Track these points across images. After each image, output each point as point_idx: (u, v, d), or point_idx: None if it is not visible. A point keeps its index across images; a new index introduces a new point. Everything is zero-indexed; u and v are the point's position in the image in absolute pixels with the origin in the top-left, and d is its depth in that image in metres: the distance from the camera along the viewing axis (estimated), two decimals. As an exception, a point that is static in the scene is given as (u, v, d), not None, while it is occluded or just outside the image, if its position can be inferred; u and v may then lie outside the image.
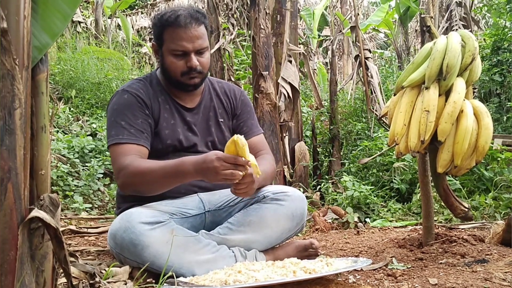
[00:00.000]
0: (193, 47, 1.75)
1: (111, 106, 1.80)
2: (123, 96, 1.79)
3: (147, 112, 1.78)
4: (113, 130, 1.73)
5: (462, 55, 1.70)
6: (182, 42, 1.73)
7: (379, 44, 14.79)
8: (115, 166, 1.70)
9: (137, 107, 1.77)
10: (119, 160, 1.68)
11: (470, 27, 7.54)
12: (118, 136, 1.72)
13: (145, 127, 1.76)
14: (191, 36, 1.73)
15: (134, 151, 1.70)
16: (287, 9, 3.82)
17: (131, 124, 1.73)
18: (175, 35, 1.73)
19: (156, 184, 1.64)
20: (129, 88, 1.81)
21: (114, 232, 1.60)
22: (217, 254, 1.62)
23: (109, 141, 1.74)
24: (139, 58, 9.49)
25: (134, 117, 1.75)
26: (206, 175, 1.53)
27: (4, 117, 0.91)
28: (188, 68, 1.76)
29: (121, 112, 1.75)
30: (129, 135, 1.72)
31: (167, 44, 1.76)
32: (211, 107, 1.93)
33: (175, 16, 1.73)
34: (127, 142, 1.70)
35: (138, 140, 1.72)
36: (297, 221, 1.79)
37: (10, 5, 0.92)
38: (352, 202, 3.01)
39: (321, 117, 5.57)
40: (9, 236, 0.92)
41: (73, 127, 4.78)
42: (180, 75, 1.78)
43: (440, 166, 1.70)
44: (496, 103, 5.27)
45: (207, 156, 1.52)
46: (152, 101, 1.81)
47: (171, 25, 1.73)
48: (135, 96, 1.78)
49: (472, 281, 1.45)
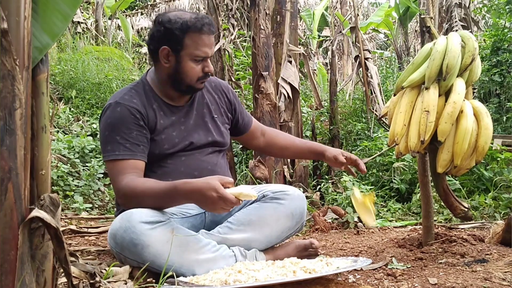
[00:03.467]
0: (211, 53, 1.79)
1: (105, 119, 1.78)
2: (116, 109, 1.76)
3: (141, 124, 1.76)
4: (109, 146, 1.73)
5: (462, 56, 1.70)
6: (205, 48, 1.75)
7: (379, 44, 14.80)
8: (114, 185, 1.72)
9: (131, 119, 1.74)
10: (116, 179, 1.69)
11: (470, 27, 7.54)
12: (114, 152, 1.71)
13: (140, 139, 1.75)
14: (211, 43, 1.77)
15: (131, 168, 1.70)
16: (287, 10, 3.82)
17: (126, 138, 1.72)
18: (200, 41, 1.74)
19: (151, 205, 1.63)
20: (121, 100, 1.77)
21: (114, 231, 1.60)
22: (217, 254, 1.62)
23: (105, 156, 1.74)
24: (139, 58, 9.49)
25: (129, 130, 1.73)
26: (199, 201, 1.51)
27: (5, 117, 0.91)
28: (205, 73, 1.79)
29: (115, 126, 1.73)
30: (125, 150, 1.71)
31: (189, 49, 1.74)
32: (204, 104, 1.93)
33: (202, 23, 1.73)
34: (124, 158, 1.70)
35: (134, 155, 1.72)
36: (296, 220, 1.80)
37: (11, 5, 0.92)
38: (352, 202, 3.01)
39: (321, 117, 5.58)
40: (10, 236, 0.92)
41: (74, 127, 4.79)
42: (196, 80, 1.79)
43: (440, 166, 1.70)
44: (496, 103, 5.27)
45: (209, 184, 1.47)
46: (147, 110, 1.79)
47: (197, 31, 1.73)
48: (128, 109, 1.75)
49: (472, 281, 1.45)
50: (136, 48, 10.00)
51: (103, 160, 1.79)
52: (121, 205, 1.75)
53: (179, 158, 1.82)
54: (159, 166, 1.79)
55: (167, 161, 1.81)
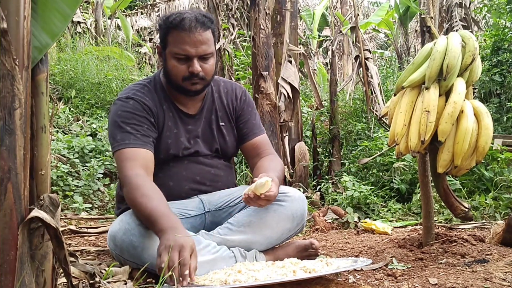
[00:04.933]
0: (196, 52, 1.69)
1: (115, 111, 1.75)
2: (128, 102, 1.74)
3: (152, 121, 1.75)
4: (119, 135, 1.69)
5: (462, 56, 1.70)
6: (185, 46, 1.68)
7: (379, 44, 14.79)
8: (121, 175, 1.65)
9: (143, 114, 1.73)
10: (125, 167, 1.63)
11: (470, 27, 7.54)
12: (125, 141, 1.67)
13: (151, 133, 1.73)
14: (195, 41, 1.68)
15: (140, 156, 1.66)
16: (287, 10, 3.82)
17: (137, 129, 1.70)
18: (179, 39, 1.68)
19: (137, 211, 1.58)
20: (134, 95, 1.76)
21: (114, 234, 1.60)
22: (217, 255, 1.61)
23: (114, 147, 1.69)
24: (139, 58, 9.49)
25: (140, 123, 1.71)
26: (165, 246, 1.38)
27: (4, 117, 0.91)
28: (190, 73, 1.71)
29: (127, 118, 1.71)
30: (136, 139, 1.68)
31: (170, 47, 1.71)
32: (213, 110, 1.89)
33: (180, 18, 1.68)
34: (134, 147, 1.66)
35: (145, 145, 1.69)
36: (297, 222, 1.79)
37: (10, 5, 0.92)
38: (352, 202, 3.01)
39: (321, 117, 5.57)
40: (9, 236, 0.92)
41: (73, 127, 4.79)
42: (182, 80, 1.73)
43: (440, 166, 1.70)
44: (496, 103, 5.27)
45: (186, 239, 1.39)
46: (158, 109, 1.78)
47: (175, 28, 1.68)
48: (141, 104, 1.74)
49: (472, 281, 1.45)
50: (136, 48, 10.00)
51: (112, 151, 1.72)
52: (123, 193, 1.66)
53: (182, 162, 1.81)
54: (161, 169, 1.78)
55: (169, 164, 1.80)
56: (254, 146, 1.91)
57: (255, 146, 1.91)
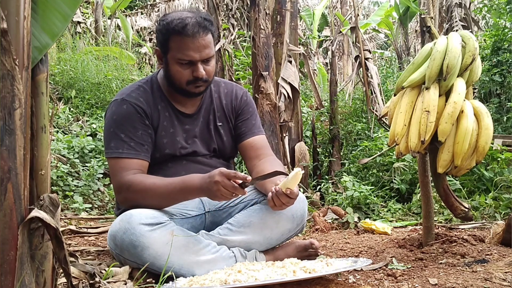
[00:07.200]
0: (200, 57, 1.69)
1: (110, 115, 1.76)
2: (122, 106, 1.74)
3: (147, 123, 1.75)
4: (112, 142, 1.71)
5: (463, 56, 1.70)
6: (189, 51, 1.67)
7: (379, 44, 14.80)
8: (115, 182, 1.69)
9: (137, 118, 1.74)
10: (119, 175, 1.67)
11: (470, 27, 7.54)
12: (118, 150, 1.70)
13: (145, 138, 1.74)
14: (198, 46, 1.67)
15: (134, 166, 1.69)
16: (287, 10, 3.82)
17: (131, 136, 1.71)
18: (182, 45, 1.67)
19: (159, 199, 1.64)
20: (128, 97, 1.76)
21: (114, 233, 1.60)
22: (217, 255, 1.62)
23: (108, 153, 1.73)
24: (139, 58, 9.49)
25: (134, 129, 1.72)
26: (209, 190, 1.53)
27: (4, 117, 0.91)
28: (194, 77, 1.71)
29: (120, 124, 1.72)
30: (129, 149, 1.70)
31: (173, 52, 1.70)
32: (211, 109, 1.89)
33: (183, 24, 1.65)
34: (127, 157, 1.69)
35: (139, 154, 1.71)
36: (297, 222, 1.78)
37: (10, 5, 0.92)
38: (352, 202, 3.01)
39: (321, 117, 5.58)
40: (9, 236, 0.92)
41: (73, 127, 4.78)
42: (186, 84, 1.74)
43: (440, 166, 1.70)
44: (496, 103, 5.27)
45: (213, 171, 1.52)
46: (152, 109, 1.78)
47: (178, 33, 1.66)
48: (134, 107, 1.74)
49: (472, 281, 1.45)
50: (136, 48, 10.00)
51: (105, 156, 1.75)
52: (120, 202, 1.73)
53: (181, 162, 1.81)
54: (160, 169, 1.78)
55: (167, 164, 1.80)
56: (252, 146, 1.89)
57: (253, 146, 1.89)
